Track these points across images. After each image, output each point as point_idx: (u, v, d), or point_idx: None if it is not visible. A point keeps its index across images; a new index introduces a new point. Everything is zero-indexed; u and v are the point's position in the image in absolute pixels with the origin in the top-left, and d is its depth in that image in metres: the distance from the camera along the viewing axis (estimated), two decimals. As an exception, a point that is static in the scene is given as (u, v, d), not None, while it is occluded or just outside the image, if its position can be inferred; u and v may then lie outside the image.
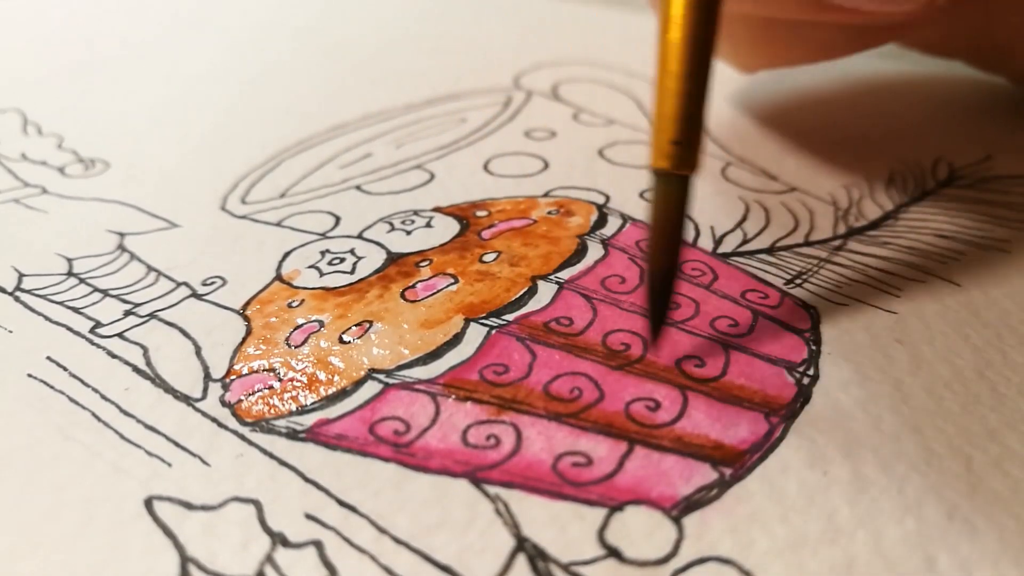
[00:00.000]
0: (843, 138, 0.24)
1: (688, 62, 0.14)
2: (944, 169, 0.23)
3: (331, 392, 0.15)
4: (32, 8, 0.36)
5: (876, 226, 0.20)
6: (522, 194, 0.21)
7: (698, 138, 0.15)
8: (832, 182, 0.22)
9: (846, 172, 0.22)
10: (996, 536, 0.13)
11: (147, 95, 0.28)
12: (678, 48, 0.14)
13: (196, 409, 0.15)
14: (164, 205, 0.22)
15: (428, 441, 0.14)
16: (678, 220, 0.15)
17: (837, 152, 0.24)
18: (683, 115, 0.15)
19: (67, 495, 0.14)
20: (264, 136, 0.25)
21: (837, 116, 0.26)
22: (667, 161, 0.15)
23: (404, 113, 0.26)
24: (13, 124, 0.26)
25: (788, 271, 0.18)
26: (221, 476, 0.14)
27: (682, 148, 0.15)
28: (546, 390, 0.15)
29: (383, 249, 0.19)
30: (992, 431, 0.14)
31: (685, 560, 0.12)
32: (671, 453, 0.14)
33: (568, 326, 0.16)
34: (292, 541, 0.13)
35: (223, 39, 0.33)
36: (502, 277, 0.18)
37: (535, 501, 0.13)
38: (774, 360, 0.16)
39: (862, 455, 0.14)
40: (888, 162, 0.23)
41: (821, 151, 0.24)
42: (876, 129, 0.25)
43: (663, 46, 0.15)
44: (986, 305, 0.17)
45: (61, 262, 0.19)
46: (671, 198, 0.15)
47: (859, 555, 0.12)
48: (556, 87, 0.28)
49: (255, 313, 0.17)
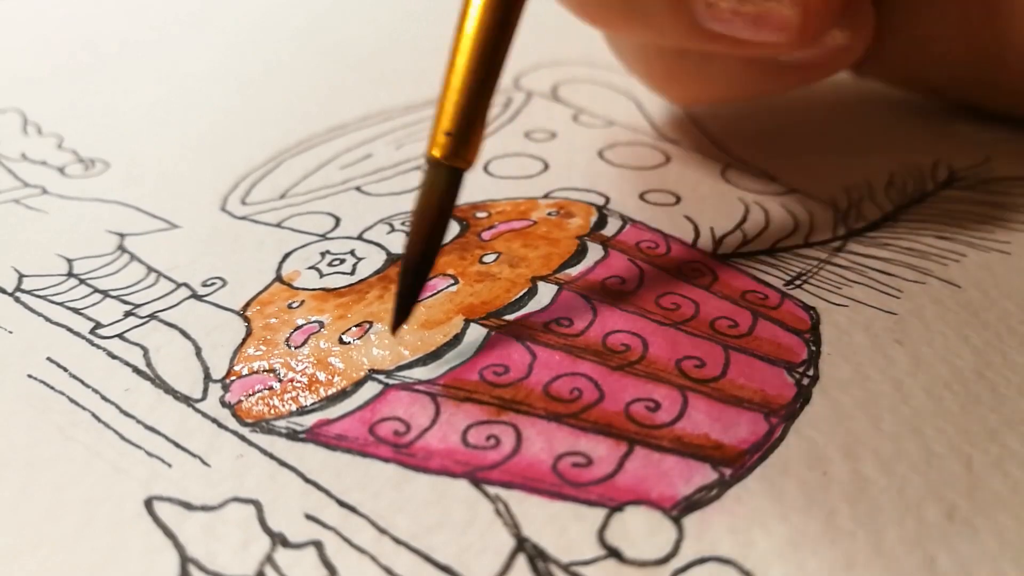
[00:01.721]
0: (843, 140, 0.24)
1: (473, 59, 0.15)
2: (944, 171, 0.23)
3: (331, 393, 0.15)
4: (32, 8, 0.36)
5: (876, 227, 0.20)
6: (522, 195, 0.21)
7: (474, 134, 0.15)
8: (832, 184, 0.22)
9: (846, 174, 0.22)
10: (996, 536, 0.13)
11: (147, 95, 0.28)
12: (468, 43, 0.15)
13: (196, 410, 0.15)
14: (164, 205, 0.22)
15: (428, 441, 0.14)
16: (440, 211, 0.15)
17: (837, 154, 0.24)
18: (460, 109, 0.15)
19: (67, 495, 0.14)
20: (264, 136, 0.25)
21: (837, 118, 0.26)
22: (439, 151, 0.15)
23: (404, 113, 0.26)
24: (13, 124, 0.26)
25: (788, 272, 0.18)
26: (221, 476, 0.14)
27: (455, 140, 0.15)
28: (546, 390, 0.15)
29: (383, 250, 0.19)
30: (992, 431, 0.14)
31: (685, 560, 0.12)
32: (671, 453, 0.14)
33: (568, 327, 0.17)
34: (292, 541, 0.13)
35: (223, 39, 0.33)
36: (502, 278, 0.18)
37: (535, 501, 0.13)
38: (774, 360, 0.16)
39: (862, 455, 0.14)
40: (888, 164, 0.23)
41: (821, 152, 0.24)
42: (876, 131, 0.25)
43: (455, 39, 0.15)
44: (986, 306, 0.17)
45: (61, 262, 0.19)
46: (437, 188, 0.15)
47: (859, 555, 0.12)
48: (556, 88, 0.28)
49: (255, 314, 0.17)
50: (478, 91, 0.15)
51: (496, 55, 0.15)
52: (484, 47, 0.15)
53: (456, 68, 0.15)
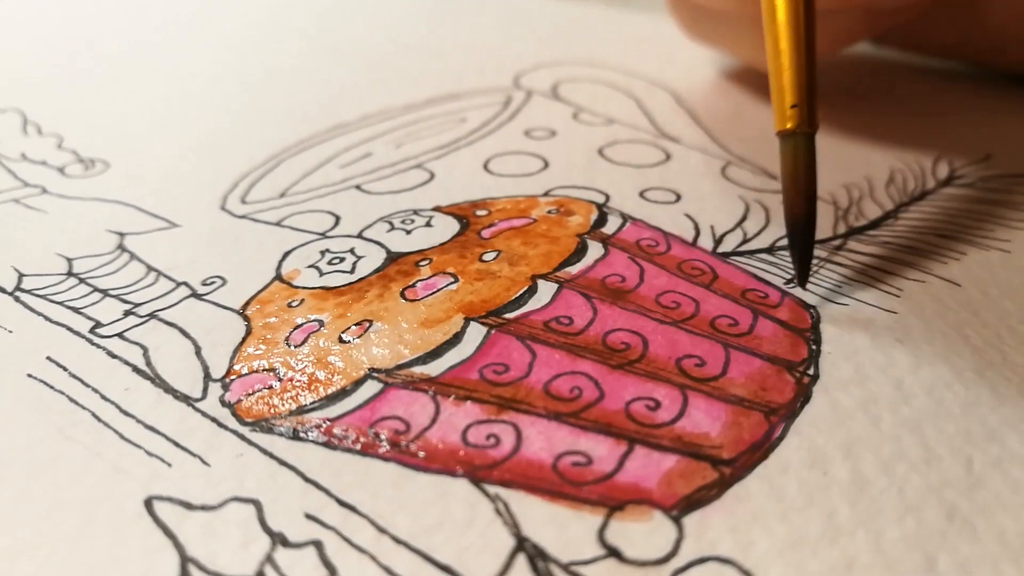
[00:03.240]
0: (843, 137, 0.24)
1: (794, 40, 0.17)
2: (944, 168, 0.23)
3: (331, 392, 0.15)
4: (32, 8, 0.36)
5: (876, 226, 0.20)
6: (522, 193, 0.21)
7: (812, 102, 0.17)
8: (832, 181, 0.22)
9: (846, 171, 0.22)
10: (996, 536, 0.13)
11: (147, 95, 0.28)
12: (785, 30, 0.18)
13: (196, 409, 0.15)
14: (164, 205, 0.22)
15: (428, 440, 0.14)
16: (808, 171, 0.17)
17: (837, 151, 0.24)
18: (797, 84, 0.17)
19: (67, 495, 0.14)
20: (264, 136, 0.25)
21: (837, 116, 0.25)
22: (790, 122, 0.17)
23: (404, 113, 0.26)
24: (13, 124, 0.26)
25: (788, 271, 0.18)
26: (221, 476, 0.14)
27: (799, 110, 0.17)
28: (546, 389, 0.15)
29: (383, 248, 0.19)
30: (992, 431, 0.14)
31: (685, 560, 0.12)
32: (671, 452, 0.14)
33: (568, 325, 0.16)
34: (292, 541, 0.13)
35: (223, 39, 0.33)
36: (502, 276, 0.18)
37: (535, 501, 0.13)
38: (774, 360, 0.16)
39: (862, 455, 0.14)
40: (888, 161, 0.23)
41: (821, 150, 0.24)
42: (876, 128, 0.25)
43: (772, 29, 0.18)
44: (986, 305, 0.17)
45: (61, 262, 0.19)
46: (798, 153, 0.17)
47: (859, 555, 0.12)
48: (556, 87, 0.28)
49: (255, 313, 0.17)
50: (807, 67, 0.17)
51: (810, 35, 0.18)
52: (798, 31, 0.17)
53: (781, 51, 0.17)
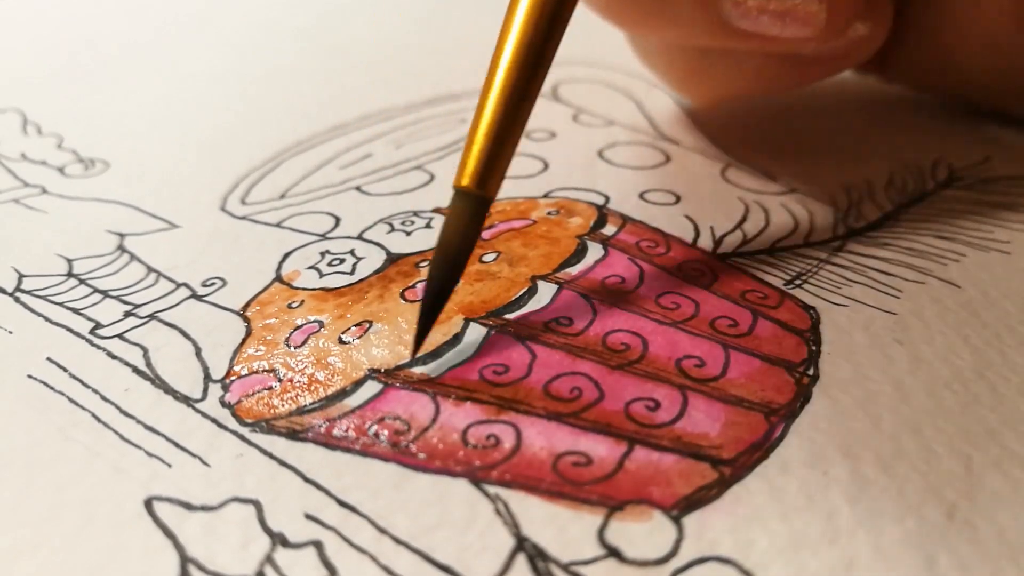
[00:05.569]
0: (843, 139, 0.24)
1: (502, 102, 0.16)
2: (944, 170, 0.23)
3: (331, 392, 0.15)
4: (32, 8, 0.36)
5: (876, 227, 0.20)
6: (522, 195, 0.21)
7: (500, 167, 0.16)
8: (832, 183, 0.22)
9: (846, 173, 0.22)
10: (996, 536, 0.13)
11: (147, 95, 0.28)
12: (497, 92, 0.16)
13: (196, 410, 0.15)
14: (164, 205, 0.22)
15: (428, 441, 0.14)
16: (466, 239, 0.16)
17: (837, 153, 0.24)
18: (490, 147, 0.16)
19: (67, 495, 0.14)
20: (264, 136, 0.25)
21: (837, 117, 0.26)
22: (469, 180, 0.16)
23: (404, 113, 0.26)
24: (13, 124, 0.26)
25: (788, 271, 0.18)
26: (221, 476, 0.14)
27: (481, 174, 0.16)
28: (546, 390, 0.15)
29: (383, 250, 0.19)
30: (992, 431, 0.14)
31: (685, 560, 0.12)
32: (671, 453, 0.14)
33: (568, 326, 0.17)
34: (292, 541, 0.13)
35: (223, 39, 0.33)
36: (502, 277, 0.18)
37: (535, 501, 0.13)
38: (774, 360, 0.16)
39: (862, 455, 0.14)
40: (888, 163, 0.23)
41: (821, 152, 0.24)
42: (876, 130, 0.25)
43: (484, 83, 0.16)
44: (986, 306, 0.17)
45: (61, 263, 0.19)
46: (465, 215, 0.16)
47: (859, 555, 0.12)
48: (556, 87, 0.28)
49: (255, 314, 0.17)
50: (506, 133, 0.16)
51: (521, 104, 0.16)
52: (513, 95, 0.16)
53: (485, 111, 0.16)
